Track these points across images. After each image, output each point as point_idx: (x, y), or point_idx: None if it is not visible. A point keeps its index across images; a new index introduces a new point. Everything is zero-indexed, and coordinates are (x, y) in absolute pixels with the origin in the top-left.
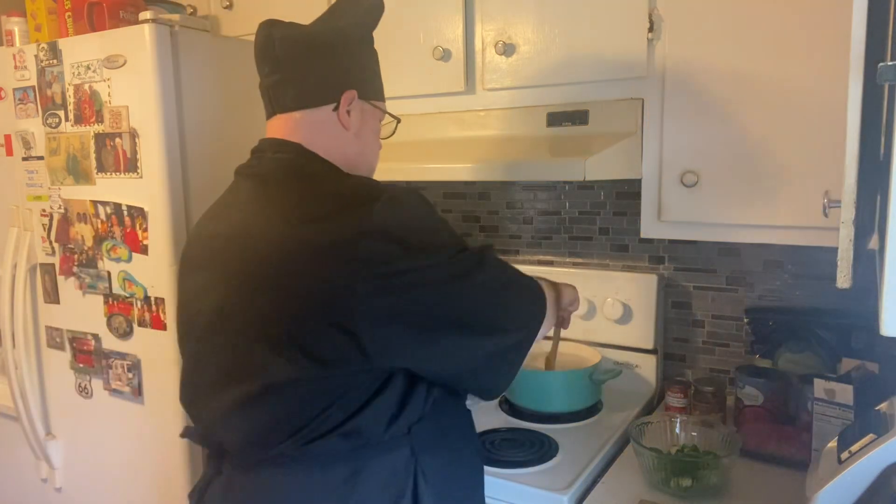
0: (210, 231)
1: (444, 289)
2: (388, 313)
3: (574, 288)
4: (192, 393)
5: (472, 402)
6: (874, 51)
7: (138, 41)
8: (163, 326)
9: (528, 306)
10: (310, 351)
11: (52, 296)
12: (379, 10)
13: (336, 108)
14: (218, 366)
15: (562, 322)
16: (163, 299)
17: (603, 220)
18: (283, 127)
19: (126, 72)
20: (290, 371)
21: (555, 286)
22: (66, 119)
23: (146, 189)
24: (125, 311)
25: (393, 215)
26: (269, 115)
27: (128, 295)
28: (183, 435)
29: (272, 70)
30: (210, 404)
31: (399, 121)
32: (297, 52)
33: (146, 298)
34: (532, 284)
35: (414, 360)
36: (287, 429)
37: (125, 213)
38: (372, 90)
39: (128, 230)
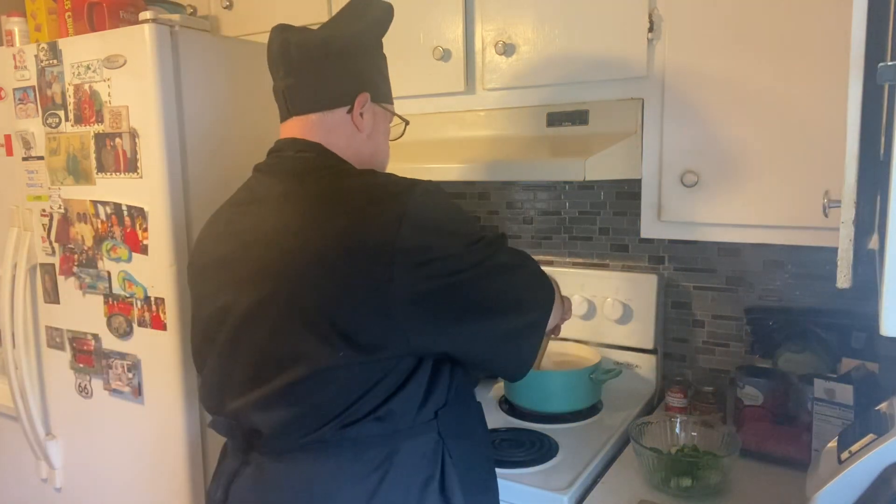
0: (232, 229)
1: (473, 273)
2: (426, 299)
3: (568, 298)
4: (222, 386)
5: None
6: (874, 51)
7: (138, 41)
8: (163, 326)
9: (539, 288)
10: (353, 338)
11: (52, 296)
12: (389, 15)
13: (350, 111)
14: (255, 357)
15: (554, 329)
16: (163, 299)
17: (603, 220)
18: (300, 128)
19: (126, 72)
20: (334, 358)
21: (559, 290)
22: (66, 119)
23: (146, 189)
24: (125, 311)
25: (427, 206)
26: (285, 117)
27: (128, 295)
28: (209, 425)
29: (287, 73)
30: (245, 394)
31: (408, 122)
32: (312, 57)
33: (146, 298)
34: (541, 271)
35: (449, 342)
36: (327, 413)
37: (125, 213)
38: (383, 93)
39: (128, 230)
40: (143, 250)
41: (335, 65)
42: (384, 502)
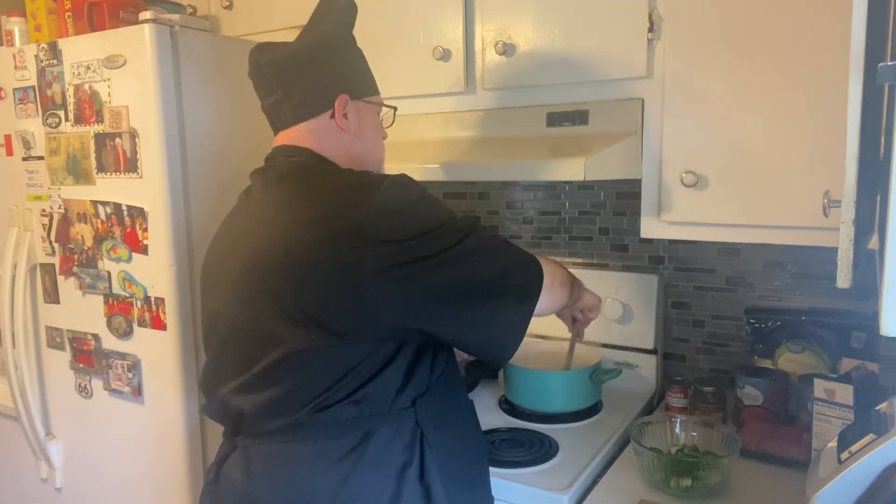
0: (227, 231)
1: (440, 258)
2: (394, 281)
3: (597, 297)
4: (217, 372)
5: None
6: (874, 51)
7: (138, 41)
8: (163, 326)
9: (515, 274)
10: (325, 322)
11: (52, 296)
12: (353, 11)
13: (332, 115)
14: (243, 344)
15: (578, 324)
16: (163, 299)
17: (603, 220)
18: (290, 138)
19: (126, 72)
20: (308, 341)
21: (568, 277)
22: (66, 119)
23: (146, 189)
24: (125, 311)
25: (395, 194)
26: (275, 132)
27: (128, 295)
28: (201, 410)
29: (267, 93)
30: (233, 379)
31: (395, 108)
32: (284, 72)
33: (146, 298)
34: (521, 257)
35: (420, 323)
36: (304, 396)
37: (125, 213)
38: (362, 88)
39: (128, 230)
40: (143, 250)
41: (307, 74)
42: (359, 486)
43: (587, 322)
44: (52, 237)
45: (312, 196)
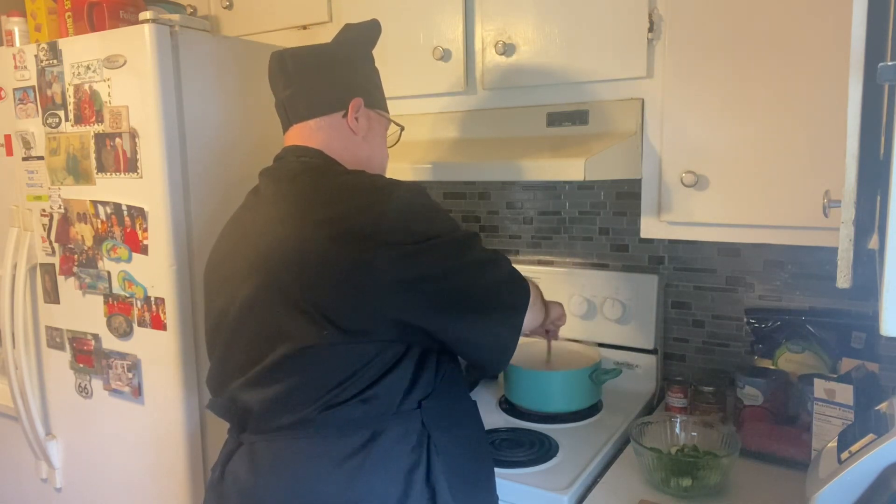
0: (235, 229)
1: (447, 267)
2: (403, 284)
3: (561, 305)
4: (224, 369)
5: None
6: (874, 51)
7: (138, 41)
8: (163, 326)
9: (510, 288)
10: (335, 320)
11: (52, 296)
12: (377, 30)
13: (345, 115)
14: (252, 340)
15: (549, 333)
16: (163, 299)
17: (603, 220)
18: (300, 135)
19: (126, 72)
20: (317, 337)
21: (541, 295)
22: (66, 119)
23: (146, 189)
24: (125, 311)
25: (410, 199)
26: (286, 127)
27: (128, 295)
28: (207, 406)
29: (286, 85)
30: (241, 375)
31: (403, 128)
32: (307, 66)
33: (146, 298)
34: (514, 271)
35: (426, 325)
36: (312, 393)
37: (125, 213)
38: (376, 100)
39: (128, 230)
40: (143, 250)
41: (329, 73)
42: (366, 485)
43: (558, 329)
44: (52, 237)
45: (327, 195)
